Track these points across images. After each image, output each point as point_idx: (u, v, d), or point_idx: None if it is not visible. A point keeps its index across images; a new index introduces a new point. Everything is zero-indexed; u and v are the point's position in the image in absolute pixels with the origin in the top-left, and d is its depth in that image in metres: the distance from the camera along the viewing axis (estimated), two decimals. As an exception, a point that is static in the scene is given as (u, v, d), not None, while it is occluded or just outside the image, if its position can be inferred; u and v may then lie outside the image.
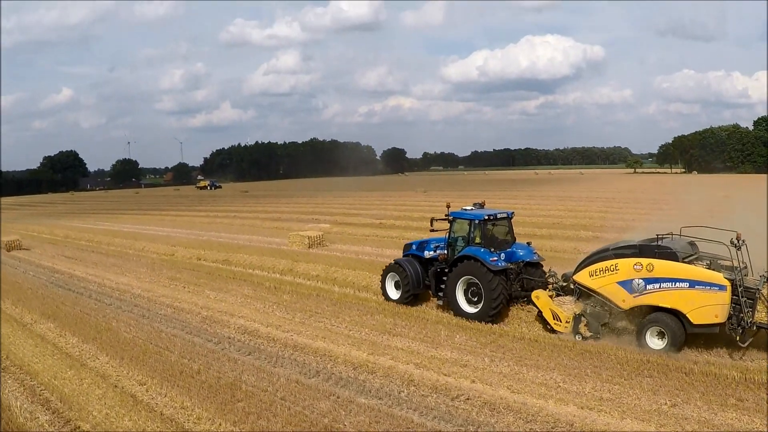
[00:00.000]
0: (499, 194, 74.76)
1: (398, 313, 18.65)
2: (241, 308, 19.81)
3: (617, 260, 14.77)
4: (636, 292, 14.39)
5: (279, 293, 21.76)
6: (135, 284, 24.15)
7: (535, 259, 17.94)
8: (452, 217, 18.32)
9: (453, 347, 15.46)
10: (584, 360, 14.10)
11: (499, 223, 18.20)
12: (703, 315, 13.60)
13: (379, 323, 17.76)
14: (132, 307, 20.36)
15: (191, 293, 22.25)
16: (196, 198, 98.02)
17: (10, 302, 21.73)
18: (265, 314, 19.08)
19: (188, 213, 62.05)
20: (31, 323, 18.70)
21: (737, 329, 13.48)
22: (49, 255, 33.85)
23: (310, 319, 18.39)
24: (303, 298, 21.00)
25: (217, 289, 22.80)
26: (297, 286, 22.61)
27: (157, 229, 44.77)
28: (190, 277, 25.31)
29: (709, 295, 13.48)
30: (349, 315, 18.70)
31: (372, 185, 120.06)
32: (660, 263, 14.10)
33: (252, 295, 21.68)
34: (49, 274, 27.24)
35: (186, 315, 19.08)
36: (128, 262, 29.99)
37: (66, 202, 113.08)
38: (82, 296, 22.33)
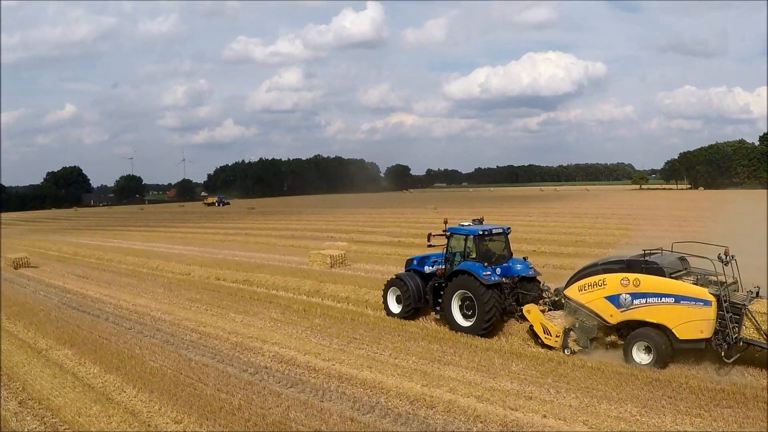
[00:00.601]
0: (512, 211, 73.50)
1: (443, 339, 17.25)
2: (272, 333, 18.37)
3: (605, 275, 14.89)
4: (623, 307, 14.49)
5: (310, 317, 20.33)
6: (153, 306, 22.72)
7: (530, 273, 18.02)
8: (449, 233, 18.62)
9: (512, 377, 14.13)
10: (655, 390, 12.91)
11: (496, 239, 18.44)
12: (689, 330, 13.65)
13: (425, 350, 16.36)
14: (154, 331, 18.92)
15: (215, 316, 20.82)
16: (203, 214, 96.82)
17: (22, 325, 20.30)
18: (300, 340, 17.63)
19: (198, 230, 60.68)
20: (46, 350, 17.24)
21: (723, 345, 13.43)
22: (58, 273, 32.44)
23: (349, 346, 16.95)
24: (337, 322, 19.55)
25: (242, 311, 21.37)
26: (327, 309, 21.19)
27: (168, 247, 43.36)
28: (211, 298, 23.88)
29: (694, 310, 13.53)
30: (391, 341, 17.28)
31: (380, 202, 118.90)
32: (646, 278, 14.18)
33: (281, 318, 20.25)
34: (61, 294, 25.80)
35: (214, 341, 17.63)
36: (143, 281, 28.56)
37: (70, 218, 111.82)
38: (99, 319, 20.89)
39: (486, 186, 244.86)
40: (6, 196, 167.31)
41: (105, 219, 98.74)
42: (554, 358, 15.17)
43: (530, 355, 15.61)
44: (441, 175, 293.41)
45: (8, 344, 17.97)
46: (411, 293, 18.92)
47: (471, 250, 17.87)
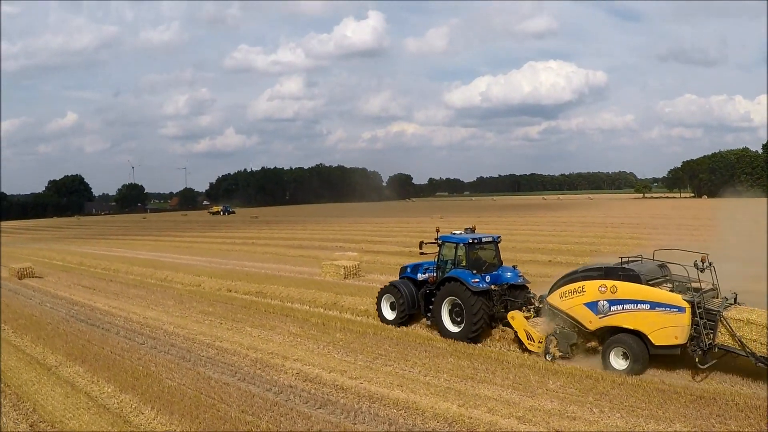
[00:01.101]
0: (519, 220, 72.77)
1: (473, 354, 16.44)
2: (292, 349, 17.51)
3: (584, 282, 15.15)
4: (601, 314, 14.73)
5: (330, 331, 19.47)
6: (165, 319, 21.86)
7: (519, 281, 18.33)
8: (441, 241, 19.01)
9: (551, 395, 13.30)
10: (702, 408, 12.22)
11: (486, 247, 18.78)
12: (664, 336, 13.85)
13: (455, 367, 15.52)
14: (168, 346, 18.06)
15: (231, 330, 19.96)
16: (207, 223, 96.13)
17: (29, 339, 19.45)
18: (323, 356, 16.77)
19: (203, 239, 59.91)
20: (56, 366, 16.38)
21: (697, 351, 13.64)
22: (64, 284, 31.59)
23: (375, 363, 16.09)
24: (359, 336, 18.69)
25: (258, 325, 20.52)
26: (347, 323, 20.33)
27: (175, 257, 42.55)
28: (225, 311, 23.02)
29: (668, 316, 13.72)
30: (419, 357, 16.42)
31: (384, 211, 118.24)
32: (623, 285, 14.40)
33: (300, 333, 19.38)
34: (69, 307, 24.94)
35: (232, 357, 16.77)
36: (152, 293, 27.70)
37: (72, 226, 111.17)
38: (110, 333, 20.03)
39: (488, 195, 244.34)
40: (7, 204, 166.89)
41: (108, 228, 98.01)
42: (592, 375, 14.40)
43: (566, 371, 14.79)
44: (443, 184, 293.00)
45: (16, 360, 17.12)
46: (405, 300, 19.22)
47: (461, 258, 18.24)
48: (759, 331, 13.11)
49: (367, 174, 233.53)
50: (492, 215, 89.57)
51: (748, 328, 13.31)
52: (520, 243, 43.04)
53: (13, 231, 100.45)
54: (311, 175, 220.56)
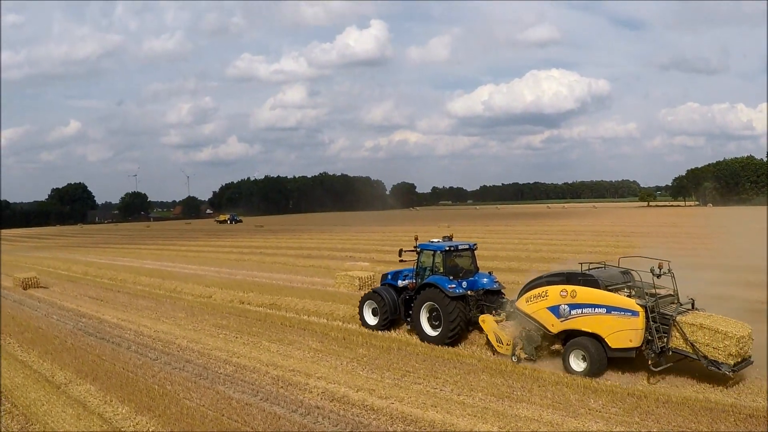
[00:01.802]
0: (528, 228, 71.90)
1: (505, 371, 15.54)
2: (314, 366, 16.57)
3: (547, 287, 15.62)
4: (563, 317, 15.17)
5: (352, 346, 18.54)
6: (178, 333, 20.94)
7: (495, 287, 18.89)
8: (420, 249, 19.61)
9: (594, 415, 12.45)
10: (751, 425, 11.59)
11: (462, 254, 19.34)
12: (620, 339, 14.28)
13: (489, 384, 14.62)
14: (183, 363, 17.12)
15: (248, 345, 19.02)
16: (212, 232, 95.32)
17: (36, 355, 18.54)
18: (348, 374, 15.84)
19: (210, 248, 59.01)
20: (65, 384, 15.46)
21: (650, 353, 14.05)
22: (70, 295, 30.69)
23: (404, 381, 15.17)
24: (383, 352, 17.76)
25: (276, 340, 19.58)
26: (369, 338, 19.38)
27: (182, 267, 41.62)
28: (240, 324, 22.11)
29: (623, 320, 14.17)
30: (449, 374, 15.51)
31: (389, 220, 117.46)
32: (582, 290, 14.88)
33: (321, 348, 18.45)
34: (76, 319, 24.02)
35: (252, 375, 15.84)
36: (162, 304, 26.78)
37: (76, 234, 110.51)
38: (120, 348, 19.10)
39: (492, 203, 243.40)
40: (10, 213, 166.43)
41: (112, 236, 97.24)
42: (634, 393, 13.58)
43: (606, 389, 13.95)
44: (446, 193, 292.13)
45: (23, 377, 16.20)
46: (387, 306, 19.75)
47: (439, 265, 18.83)
48: (712, 336, 13.57)
49: (371, 183, 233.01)
50: (499, 224, 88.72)
51: (701, 333, 13.74)
52: (534, 252, 42.19)
53: (16, 239, 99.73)
54: (315, 184, 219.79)
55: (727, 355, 13.39)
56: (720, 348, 13.47)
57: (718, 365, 13.47)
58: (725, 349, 13.40)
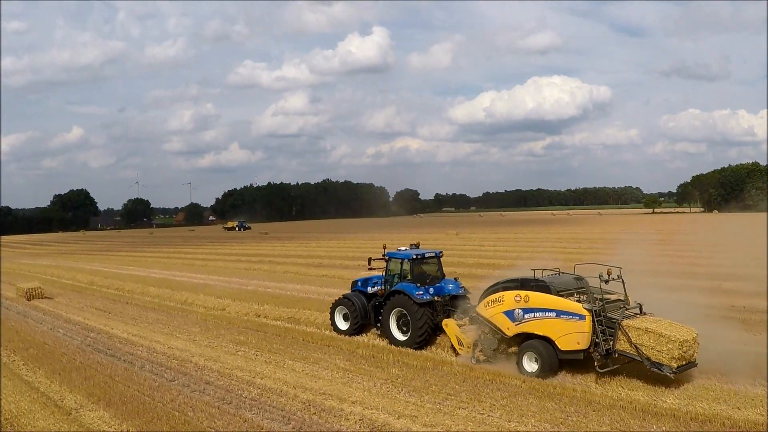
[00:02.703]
0: (539, 236, 70.52)
1: (554, 394, 14.31)
2: (346, 388, 15.24)
3: (503, 292, 16.23)
4: (517, 321, 15.78)
5: (384, 365, 17.20)
6: (193, 350, 19.60)
7: (461, 292, 19.52)
8: (388, 257, 20.15)
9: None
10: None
11: (429, 261, 19.93)
12: (568, 342, 14.87)
13: (540, 409, 13.36)
14: (203, 385, 15.78)
15: (270, 364, 17.68)
16: (217, 239, 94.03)
17: (43, 374, 17.22)
18: (384, 397, 14.51)
19: (217, 257, 57.64)
20: (77, 410, 14.14)
21: (596, 355, 14.62)
22: (76, 306, 29.36)
23: (446, 405, 13.85)
24: (418, 372, 16.44)
25: (300, 358, 18.24)
26: (401, 356, 18.01)
27: (191, 276, 40.25)
28: (258, 340, 20.78)
29: (571, 323, 14.78)
30: (494, 397, 14.23)
31: (395, 227, 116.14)
32: (534, 295, 15.52)
33: (350, 368, 17.10)
34: (84, 334, 22.68)
35: (279, 398, 14.51)
36: (173, 318, 25.46)
37: (79, 241, 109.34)
38: (133, 367, 17.76)
39: (495, 210, 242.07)
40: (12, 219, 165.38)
41: (115, 243, 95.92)
42: (697, 416, 12.52)
43: (666, 411, 12.84)
44: (449, 200, 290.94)
45: (30, 402, 14.85)
46: (357, 311, 20.25)
47: (407, 272, 19.43)
48: (656, 339, 14.10)
49: (374, 189, 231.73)
50: (507, 231, 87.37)
51: (647, 336, 14.26)
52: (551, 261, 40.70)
53: (19, 246, 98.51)
54: (318, 191, 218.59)
55: (670, 357, 13.92)
56: (664, 351, 14.01)
57: (660, 367, 14.05)
58: (669, 352, 13.94)
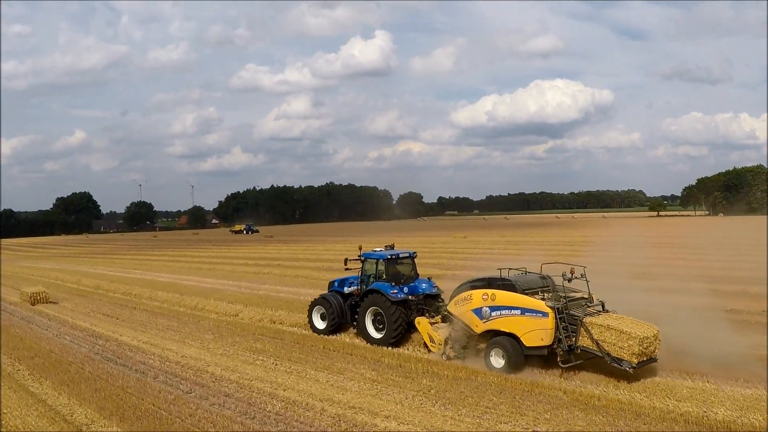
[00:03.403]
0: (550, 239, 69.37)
1: (599, 405, 13.38)
2: (376, 401, 14.16)
3: (472, 291, 16.78)
4: (485, 319, 16.30)
5: (413, 375, 16.14)
6: (208, 359, 18.53)
7: (434, 291, 20.02)
8: (364, 258, 20.63)
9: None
10: None
11: (403, 262, 20.48)
12: (533, 338, 15.36)
13: (589, 423, 12.51)
14: (222, 397, 14.71)
15: (292, 375, 16.60)
16: (223, 242, 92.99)
17: (50, 385, 16.16)
18: (418, 411, 13.45)
19: (224, 260, 56.54)
20: (87, 425, 13.10)
21: (559, 351, 15.15)
22: (83, 312, 28.30)
23: (486, 419, 12.85)
24: (451, 382, 15.38)
25: (323, 368, 17.16)
26: (431, 365, 16.92)
27: (199, 280, 39.21)
28: (276, 348, 19.71)
29: (535, 320, 15.30)
30: (536, 411, 13.25)
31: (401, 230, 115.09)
32: (500, 293, 16.07)
33: (377, 378, 16.03)
34: (92, 341, 21.62)
35: (306, 413, 13.45)
36: (185, 324, 24.39)
37: (82, 244, 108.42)
38: (146, 377, 16.69)
39: (498, 214, 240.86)
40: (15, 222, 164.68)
41: (119, 246, 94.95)
42: None
43: (721, 424, 11.98)
44: (452, 203, 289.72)
45: (37, 416, 13.79)
46: (334, 311, 20.72)
47: (382, 272, 19.82)
48: (617, 336, 14.53)
49: (378, 193, 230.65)
50: (515, 234, 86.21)
51: (609, 333, 14.70)
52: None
53: (21, 248, 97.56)
54: (321, 194, 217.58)
55: (630, 353, 14.35)
56: (624, 347, 14.42)
57: (620, 363, 14.51)
58: (629, 348, 14.36)
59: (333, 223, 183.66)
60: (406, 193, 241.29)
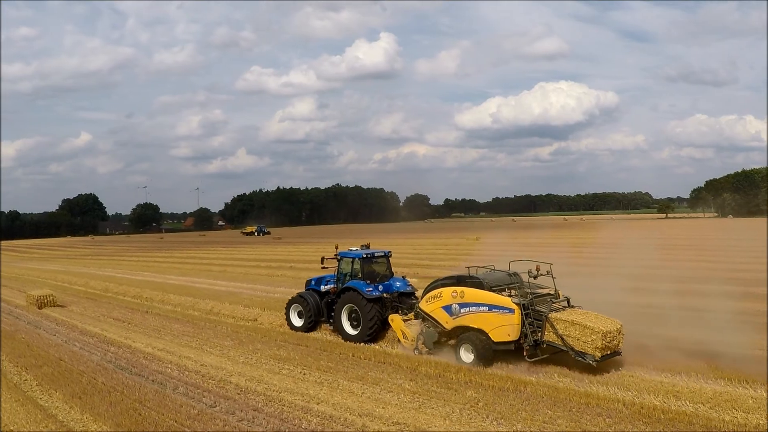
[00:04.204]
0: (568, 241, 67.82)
1: (657, 418, 12.09)
2: (421, 416, 12.80)
3: (442, 289, 17.21)
4: (454, 315, 16.73)
5: (455, 387, 14.76)
6: (230, 368, 17.17)
7: (408, 289, 20.59)
8: (340, 257, 21.13)
9: None
10: None
11: (378, 261, 21.02)
12: (500, 334, 15.80)
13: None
14: (251, 412, 13.34)
15: (324, 386, 15.22)
16: (230, 244, 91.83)
17: (61, 398, 14.82)
18: (469, 426, 12.14)
19: (235, 262, 55.24)
20: (104, 444, 11.76)
21: (525, 346, 15.53)
22: (92, 316, 27.00)
23: (549, 440, 11.44)
24: (499, 394, 14.00)
25: (356, 378, 15.79)
26: (473, 375, 15.50)
27: (211, 282, 37.89)
28: (302, 356, 18.34)
29: (502, 316, 15.72)
30: (598, 425, 12.00)
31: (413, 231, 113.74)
32: (469, 291, 16.47)
33: (417, 390, 14.65)
34: (104, 348, 20.29)
35: (346, 430, 12.10)
36: (201, 329, 23.06)
37: (88, 246, 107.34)
38: (164, 389, 15.34)
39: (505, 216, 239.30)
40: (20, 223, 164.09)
41: (126, 248, 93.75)
42: None
43: None
44: (458, 205, 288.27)
45: (47, 434, 12.47)
46: (311, 309, 21.19)
47: (357, 270, 20.39)
48: (581, 331, 14.91)
49: (385, 194, 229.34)
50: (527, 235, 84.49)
51: (573, 328, 15.09)
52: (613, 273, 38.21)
53: (27, 250, 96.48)
54: (328, 196, 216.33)
55: (594, 347, 14.71)
56: (588, 341, 14.79)
57: (584, 356, 14.91)
58: (593, 342, 14.73)
59: (341, 225, 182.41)
60: (412, 195, 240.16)
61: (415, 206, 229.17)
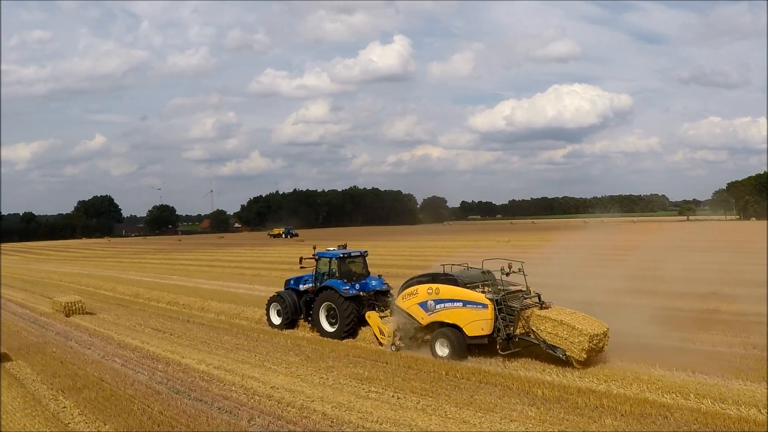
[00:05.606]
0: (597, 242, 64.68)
1: None
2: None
3: (418, 286, 17.72)
4: (430, 311, 17.27)
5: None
6: (308, 391, 14.41)
7: (384, 288, 20.88)
8: (318, 257, 21.47)
9: None
10: None
11: (355, 260, 21.48)
12: (474, 328, 16.33)
13: None
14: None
15: (431, 415, 12.36)
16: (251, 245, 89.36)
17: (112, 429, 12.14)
18: None
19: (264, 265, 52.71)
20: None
21: (498, 340, 16.09)
22: (126, 326, 24.39)
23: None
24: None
25: (465, 403, 12.92)
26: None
27: (248, 287, 35.13)
28: (387, 375, 15.55)
29: (476, 312, 16.31)
30: None
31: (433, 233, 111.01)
32: (443, 287, 17.05)
33: (544, 417, 11.81)
34: (150, 366, 17.59)
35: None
36: (257, 342, 20.36)
37: (105, 248, 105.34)
38: (239, 420, 12.61)
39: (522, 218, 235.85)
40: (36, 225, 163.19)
41: (144, 250, 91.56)
42: None
43: None
44: (475, 207, 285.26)
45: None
46: (289, 307, 21.76)
47: (335, 270, 20.69)
48: (569, 332, 15.06)
49: (402, 197, 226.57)
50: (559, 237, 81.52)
51: (561, 328, 15.23)
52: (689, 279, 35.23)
53: (44, 251, 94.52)
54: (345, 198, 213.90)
55: (580, 349, 14.80)
56: (575, 342, 14.87)
57: (554, 350, 15.22)
58: (579, 344, 14.81)
59: (361, 227, 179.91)
60: (430, 198, 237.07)
61: (432, 208, 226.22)
